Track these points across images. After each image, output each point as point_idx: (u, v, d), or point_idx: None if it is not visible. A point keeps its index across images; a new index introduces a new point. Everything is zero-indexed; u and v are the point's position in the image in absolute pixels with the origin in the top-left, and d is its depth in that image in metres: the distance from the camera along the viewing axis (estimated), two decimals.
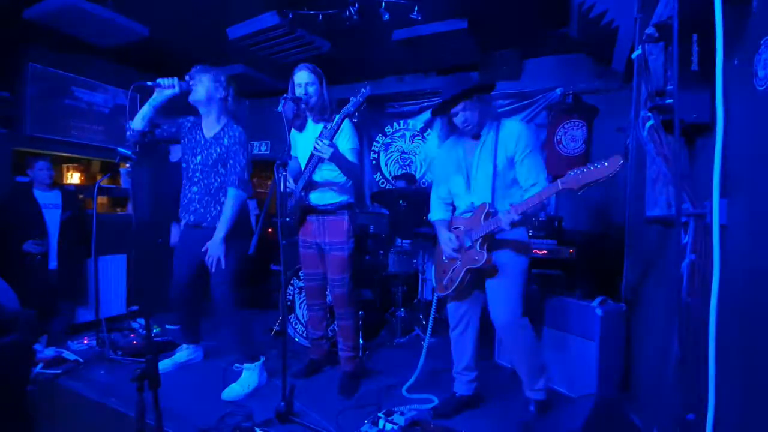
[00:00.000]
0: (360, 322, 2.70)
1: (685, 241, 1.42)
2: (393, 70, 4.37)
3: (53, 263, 3.24)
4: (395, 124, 4.69)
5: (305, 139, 2.47)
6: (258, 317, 3.53)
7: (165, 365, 2.63)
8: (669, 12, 1.39)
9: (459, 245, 2.06)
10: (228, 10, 3.06)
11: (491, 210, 1.95)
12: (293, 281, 3.21)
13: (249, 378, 2.42)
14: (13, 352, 1.75)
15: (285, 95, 2.27)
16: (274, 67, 3.84)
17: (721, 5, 1.13)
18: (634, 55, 1.92)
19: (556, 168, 3.49)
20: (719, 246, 1.20)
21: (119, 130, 4.16)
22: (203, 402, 2.25)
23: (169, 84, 2.25)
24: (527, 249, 2.06)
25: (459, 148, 2.13)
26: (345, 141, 2.36)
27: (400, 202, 3.44)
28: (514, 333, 2.02)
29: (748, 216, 1.15)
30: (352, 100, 2.22)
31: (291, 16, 3.02)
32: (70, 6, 2.87)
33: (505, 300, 2.00)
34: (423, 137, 4.53)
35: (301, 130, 2.49)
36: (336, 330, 2.59)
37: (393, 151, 4.70)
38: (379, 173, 4.76)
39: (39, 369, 2.55)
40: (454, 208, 2.22)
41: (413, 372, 2.42)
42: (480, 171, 2.04)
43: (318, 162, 2.35)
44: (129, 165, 1.66)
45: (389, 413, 2.02)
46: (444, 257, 2.14)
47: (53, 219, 3.26)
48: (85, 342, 3.04)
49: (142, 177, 4.06)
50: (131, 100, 1.87)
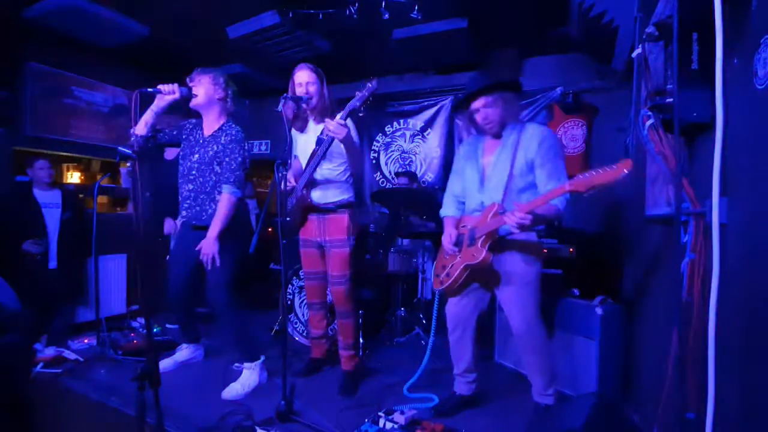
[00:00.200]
0: (360, 321, 2.70)
1: (685, 240, 1.42)
2: (393, 69, 4.37)
3: (53, 263, 3.24)
4: (395, 123, 4.69)
5: (306, 140, 2.47)
6: (258, 317, 3.54)
7: (165, 364, 2.63)
8: (669, 11, 1.39)
9: (459, 241, 2.05)
10: (228, 9, 3.06)
11: (500, 211, 1.92)
12: (293, 280, 3.22)
13: (249, 377, 2.42)
14: (13, 351, 1.75)
15: (285, 94, 2.27)
16: (274, 67, 3.84)
17: (721, 4, 1.13)
18: (634, 55, 1.92)
19: None
20: (719, 245, 1.20)
21: (119, 129, 4.17)
22: (203, 401, 2.25)
23: (170, 90, 2.26)
24: (539, 252, 2.03)
25: (479, 145, 2.11)
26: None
27: (400, 201, 3.44)
28: (528, 340, 2.01)
29: (748, 215, 1.15)
30: (357, 94, 2.20)
31: (291, 15, 3.02)
32: (70, 6, 2.87)
33: (521, 309, 1.98)
34: (423, 136, 4.53)
35: (303, 131, 2.49)
36: (336, 329, 2.59)
37: (393, 151, 4.70)
38: (379, 172, 4.76)
39: (39, 368, 2.56)
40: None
41: (413, 371, 2.42)
42: (496, 171, 2.01)
43: (319, 161, 2.35)
44: (129, 164, 1.66)
45: (389, 412, 2.02)
46: (444, 253, 2.13)
47: (53, 219, 3.26)
48: (86, 341, 3.04)
49: (141, 176, 4.06)
50: (134, 106, 1.87)
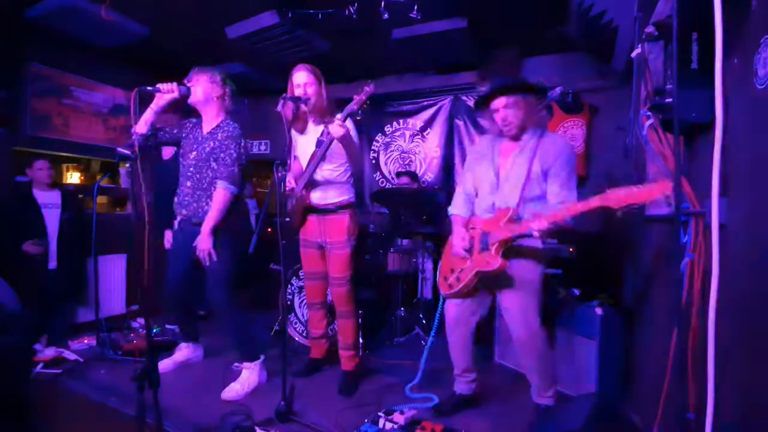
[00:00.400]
0: (360, 321, 2.70)
1: (685, 240, 1.42)
2: (392, 69, 4.36)
3: (53, 263, 3.24)
4: (395, 123, 4.69)
5: (306, 140, 2.47)
6: (258, 317, 3.54)
7: (165, 365, 2.63)
8: (668, 11, 1.38)
9: (471, 245, 2.01)
10: (227, 9, 3.06)
11: (514, 216, 1.89)
12: (293, 281, 3.22)
13: (249, 377, 2.42)
14: (13, 351, 1.75)
15: (284, 95, 2.27)
16: (273, 67, 3.83)
17: (721, 4, 1.13)
18: (633, 54, 1.91)
19: None
20: (718, 245, 1.20)
21: (119, 129, 4.17)
22: (203, 401, 2.25)
23: (169, 89, 2.27)
24: (544, 259, 2.01)
25: (495, 146, 2.07)
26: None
27: (400, 201, 3.44)
28: (530, 346, 1.99)
29: (747, 215, 1.15)
30: (354, 98, 2.18)
31: (290, 15, 3.02)
32: (69, 6, 2.87)
33: (524, 314, 1.96)
34: (423, 136, 4.52)
35: (302, 132, 2.49)
36: (336, 329, 2.59)
37: (392, 150, 4.70)
38: (379, 172, 4.76)
39: (39, 369, 2.56)
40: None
41: (413, 371, 2.42)
42: (512, 174, 1.97)
43: (319, 161, 2.35)
44: (128, 165, 1.66)
45: (389, 412, 2.02)
46: (453, 255, 2.09)
47: (53, 219, 3.26)
48: (85, 342, 3.04)
49: (140, 176, 4.06)
50: (133, 104, 1.86)
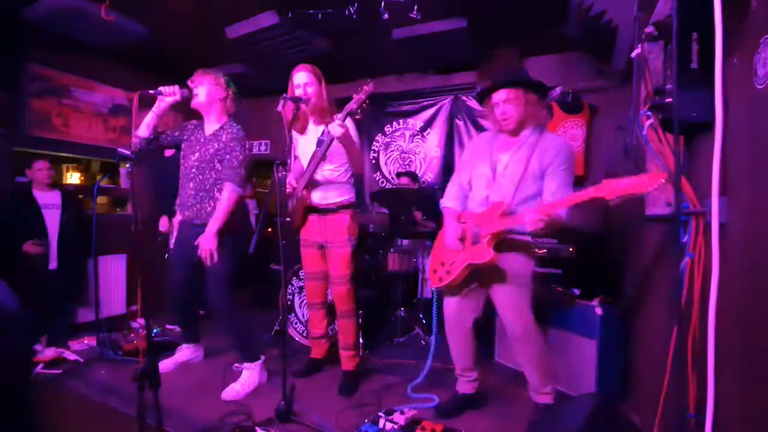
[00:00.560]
0: (360, 321, 2.70)
1: (685, 240, 1.42)
2: (392, 69, 4.36)
3: (53, 263, 3.24)
4: (395, 123, 4.69)
5: (307, 141, 2.47)
6: (258, 317, 3.54)
7: (165, 365, 2.64)
8: (668, 10, 1.38)
9: (462, 237, 2.02)
10: (227, 9, 3.06)
11: (507, 211, 1.89)
12: (293, 281, 3.22)
13: (249, 377, 2.43)
14: (13, 352, 1.75)
15: (284, 95, 2.27)
16: (273, 67, 3.83)
17: (721, 4, 1.13)
18: (633, 54, 1.91)
19: None
20: (718, 244, 1.20)
21: (119, 130, 4.17)
22: (203, 401, 2.25)
23: (171, 91, 2.27)
24: (533, 253, 2.02)
25: (494, 140, 2.08)
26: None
27: (400, 201, 3.44)
28: (525, 341, 2.00)
29: (747, 214, 1.15)
30: (354, 97, 2.18)
31: (290, 15, 3.02)
32: (69, 6, 2.87)
33: (517, 308, 1.97)
34: (423, 136, 4.52)
35: (303, 132, 2.49)
36: (336, 329, 2.59)
37: (392, 151, 4.69)
38: (379, 172, 4.75)
39: (39, 369, 2.56)
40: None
41: (413, 371, 2.42)
42: (509, 170, 1.97)
43: (320, 161, 2.35)
44: (128, 165, 1.66)
45: (389, 412, 2.02)
46: (445, 248, 2.09)
47: (53, 219, 3.26)
48: (86, 342, 3.05)
49: (140, 176, 4.06)
50: (134, 107, 1.86)
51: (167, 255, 3.47)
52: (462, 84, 4.20)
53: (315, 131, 2.43)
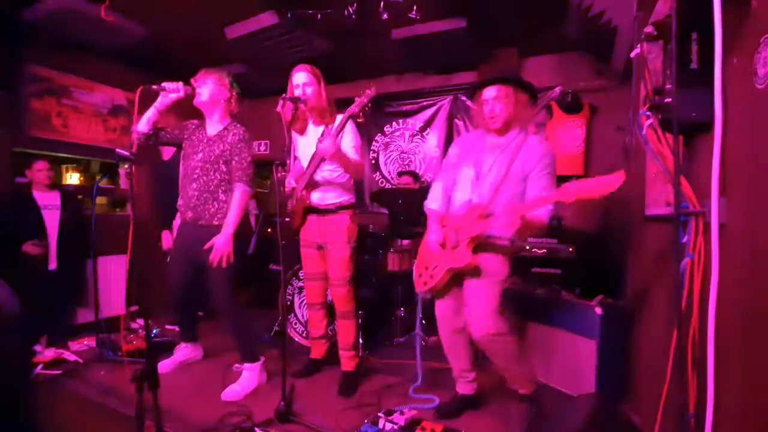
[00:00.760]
0: (360, 321, 2.70)
1: (685, 240, 1.42)
2: (392, 69, 4.36)
3: (53, 264, 3.24)
4: (394, 123, 4.69)
5: (306, 141, 2.47)
6: (258, 317, 3.54)
7: (165, 365, 2.63)
8: (668, 10, 1.38)
9: (444, 243, 2.02)
10: (226, 10, 3.06)
11: (485, 213, 1.89)
12: (293, 281, 3.21)
13: (249, 378, 2.43)
14: (13, 352, 1.74)
15: (284, 95, 2.27)
16: (273, 67, 3.83)
17: (720, 3, 1.13)
18: (632, 54, 1.91)
19: (556, 167, 3.48)
20: (718, 244, 1.20)
21: (118, 130, 4.17)
22: (203, 402, 2.25)
23: (174, 88, 2.26)
24: (510, 254, 1.99)
25: (480, 141, 2.07)
26: (347, 140, 2.36)
27: (399, 201, 3.44)
28: (494, 343, 1.94)
29: (747, 214, 1.15)
30: (356, 100, 2.18)
31: (290, 15, 3.02)
32: (68, 7, 2.87)
33: (485, 306, 1.93)
34: (422, 136, 4.52)
35: (303, 132, 2.49)
36: (335, 330, 2.59)
37: (392, 151, 4.69)
38: (378, 173, 4.75)
39: (39, 370, 2.56)
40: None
41: (413, 371, 2.42)
42: (492, 171, 1.97)
43: (319, 162, 2.34)
44: (127, 166, 1.66)
45: (389, 412, 2.02)
46: (428, 252, 2.10)
47: (53, 220, 3.26)
48: (85, 343, 3.04)
49: (140, 177, 4.06)
50: (137, 101, 1.86)
51: (168, 258, 3.46)
52: (461, 84, 4.20)
53: (315, 131, 2.42)
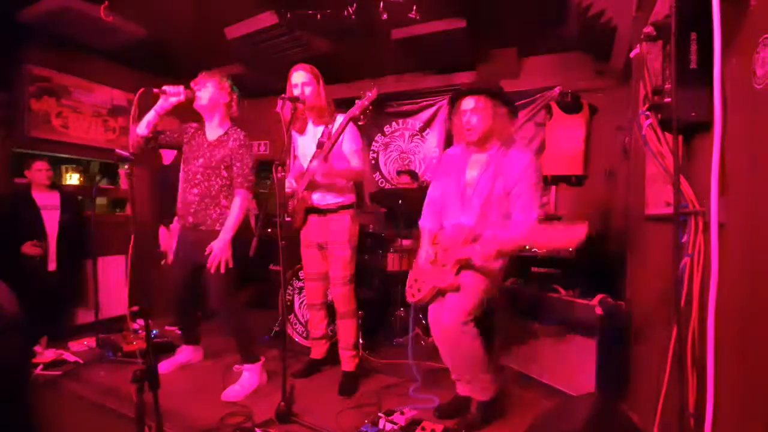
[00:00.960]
0: (360, 321, 2.70)
1: (684, 240, 1.42)
2: (391, 69, 4.36)
3: (52, 265, 3.24)
4: (394, 123, 4.69)
5: (306, 141, 2.47)
6: (258, 317, 3.53)
7: (165, 366, 2.63)
8: (667, 10, 1.38)
9: (434, 261, 2.03)
10: (226, 10, 3.06)
11: (471, 238, 1.90)
12: (293, 281, 3.21)
13: (249, 378, 2.42)
14: (13, 353, 1.75)
15: (283, 95, 2.27)
16: (272, 67, 3.83)
17: (719, 3, 1.13)
18: (632, 55, 1.92)
19: (555, 168, 3.48)
20: (717, 244, 1.20)
21: (118, 130, 4.17)
22: (203, 402, 2.25)
23: (175, 91, 2.26)
24: (495, 276, 1.97)
25: (463, 157, 2.05)
26: (347, 143, 2.37)
27: (399, 201, 3.44)
28: (462, 335, 1.90)
29: (746, 214, 1.15)
30: (357, 102, 2.17)
31: (289, 15, 3.02)
32: (67, 7, 2.87)
33: (461, 301, 1.91)
34: (422, 136, 4.53)
35: (302, 133, 2.49)
36: (336, 330, 2.59)
37: (392, 151, 4.70)
38: (378, 173, 4.75)
39: (39, 370, 2.55)
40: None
41: (413, 371, 2.42)
42: (477, 190, 1.96)
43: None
44: (127, 167, 1.66)
45: (389, 413, 2.02)
46: (420, 266, 2.12)
47: (52, 220, 3.26)
48: (85, 343, 3.04)
49: (140, 178, 4.07)
50: (136, 104, 1.85)
51: (163, 262, 3.46)
52: (461, 84, 4.19)
53: (314, 131, 2.43)
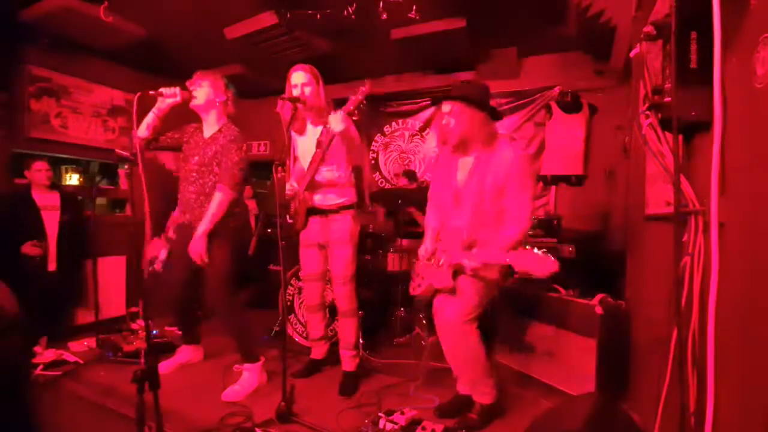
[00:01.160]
0: (360, 321, 2.70)
1: (685, 239, 1.42)
2: (391, 69, 4.36)
3: (52, 265, 3.23)
4: (394, 123, 4.69)
5: (305, 142, 2.47)
6: (258, 317, 3.53)
7: (165, 366, 2.63)
8: (667, 10, 1.38)
9: (433, 259, 2.04)
10: (226, 10, 3.06)
11: (468, 242, 1.91)
12: (293, 281, 3.21)
13: (249, 378, 2.42)
14: (12, 354, 1.74)
15: (283, 96, 2.28)
16: (272, 67, 3.83)
17: (719, 3, 1.13)
18: (632, 54, 1.91)
19: (555, 167, 3.48)
20: (717, 243, 1.20)
21: (118, 131, 4.16)
22: (203, 402, 2.25)
23: (171, 92, 2.26)
24: (492, 284, 1.97)
25: (453, 162, 2.06)
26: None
27: (399, 201, 3.44)
28: (464, 335, 1.93)
29: (746, 213, 1.15)
30: (350, 98, 2.19)
31: (289, 15, 3.02)
32: (67, 8, 2.87)
33: (463, 299, 1.94)
34: (422, 136, 4.53)
35: (301, 133, 2.49)
36: (335, 330, 2.58)
37: (392, 151, 4.70)
38: (378, 173, 4.75)
39: (39, 371, 2.55)
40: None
41: (414, 371, 2.42)
42: (468, 195, 1.96)
43: (320, 163, 2.34)
44: (127, 167, 1.66)
45: (389, 412, 2.02)
46: (419, 261, 2.14)
47: (52, 221, 3.25)
48: (85, 343, 3.04)
49: (139, 179, 4.06)
50: (135, 108, 1.85)
51: (151, 269, 3.44)
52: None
53: (313, 131, 2.42)
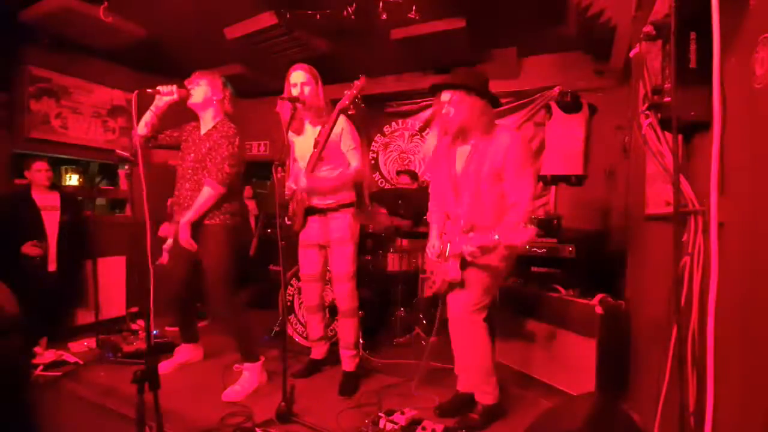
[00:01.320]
0: (360, 321, 2.70)
1: (684, 239, 1.42)
2: (391, 69, 4.36)
3: (52, 265, 3.23)
4: (394, 123, 4.69)
5: (304, 142, 2.47)
6: (258, 317, 3.53)
7: (165, 366, 2.63)
8: (666, 10, 1.38)
9: (441, 253, 2.04)
10: (225, 10, 3.06)
11: (466, 229, 1.92)
12: (293, 281, 3.21)
13: (249, 378, 2.42)
14: (13, 354, 1.75)
15: (282, 96, 2.28)
16: (272, 67, 3.83)
17: (719, 3, 1.13)
18: (631, 54, 1.91)
19: (555, 167, 3.48)
20: (717, 243, 1.20)
21: (117, 131, 4.16)
22: (203, 402, 2.25)
23: (168, 90, 2.27)
24: (497, 273, 2.00)
25: (450, 151, 2.07)
26: (345, 140, 2.38)
27: (399, 201, 3.44)
28: (473, 326, 1.99)
29: (746, 213, 1.15)
30: (346, 93, 2.20)
31: (288, 16, 3.02)
32: (67, 8, 2.87)
33: (472, 290, 1.98)
34: (422, 137, 4.52)
35: (300, 133, 2.49)
36: (335, 330, 2.59)
37: (392, 151, 4.70)
38: (378, 173, 4.75)
39: (39, 371, 2.55)
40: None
41: (414, 371, 2.42)
42: (467, 183, 1.97)
43: (317, 162, 2.34)
44: (127, 167, 1.66)
45: (389, 412, 2.02)
46: (429, 259, 2.14)
47: (52, 221, 3.25)
48: (85, 344, 3.04)
49: (139, 178, 4.06)
50: (133, 106, 1.85)
51: (158, 261, 3.45)
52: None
53: (312, 132, 2.43)
